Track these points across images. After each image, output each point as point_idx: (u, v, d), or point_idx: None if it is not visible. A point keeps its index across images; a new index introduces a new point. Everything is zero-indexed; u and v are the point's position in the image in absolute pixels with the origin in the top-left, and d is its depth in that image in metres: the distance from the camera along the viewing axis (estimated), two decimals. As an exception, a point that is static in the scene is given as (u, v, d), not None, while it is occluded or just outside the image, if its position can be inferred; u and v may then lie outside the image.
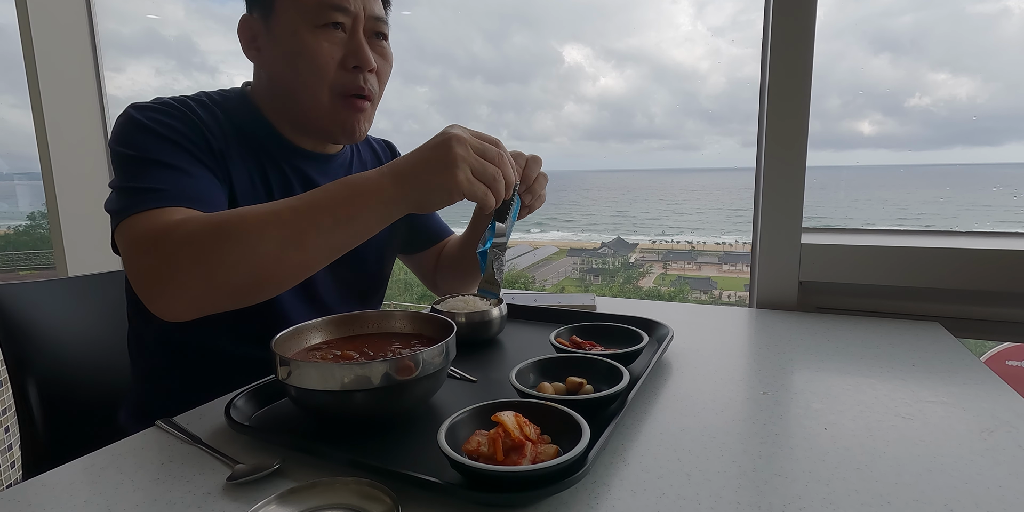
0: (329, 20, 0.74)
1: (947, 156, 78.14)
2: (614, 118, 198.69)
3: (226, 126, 0.77)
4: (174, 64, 23.09)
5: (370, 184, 0.59)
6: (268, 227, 0.58)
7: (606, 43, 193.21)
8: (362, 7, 0.76)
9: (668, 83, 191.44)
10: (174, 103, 0.74)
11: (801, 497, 0.46)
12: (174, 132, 0.71)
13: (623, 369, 0.63)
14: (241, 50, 0.80)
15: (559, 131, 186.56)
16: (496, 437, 0.47)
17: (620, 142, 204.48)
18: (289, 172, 0.81)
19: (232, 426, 0.56)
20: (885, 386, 0.69)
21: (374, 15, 0.78)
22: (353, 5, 0.75)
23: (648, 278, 8.14)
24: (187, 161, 0.69)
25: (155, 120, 0.71)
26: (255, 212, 0.60)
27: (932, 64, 79.50)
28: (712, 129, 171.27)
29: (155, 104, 0.73)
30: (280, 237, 0.58)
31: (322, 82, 0.76)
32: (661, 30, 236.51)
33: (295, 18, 0.74)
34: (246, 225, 0.58)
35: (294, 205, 0.60)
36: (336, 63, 0.76)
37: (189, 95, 0.80)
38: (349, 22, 0.76)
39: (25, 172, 5.00)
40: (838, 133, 51.43)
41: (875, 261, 1.06)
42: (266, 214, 0.59)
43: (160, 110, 0.72)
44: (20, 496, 0.48)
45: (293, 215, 0.59)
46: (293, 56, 0.75)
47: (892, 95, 66.57)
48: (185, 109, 0.73)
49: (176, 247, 0.59)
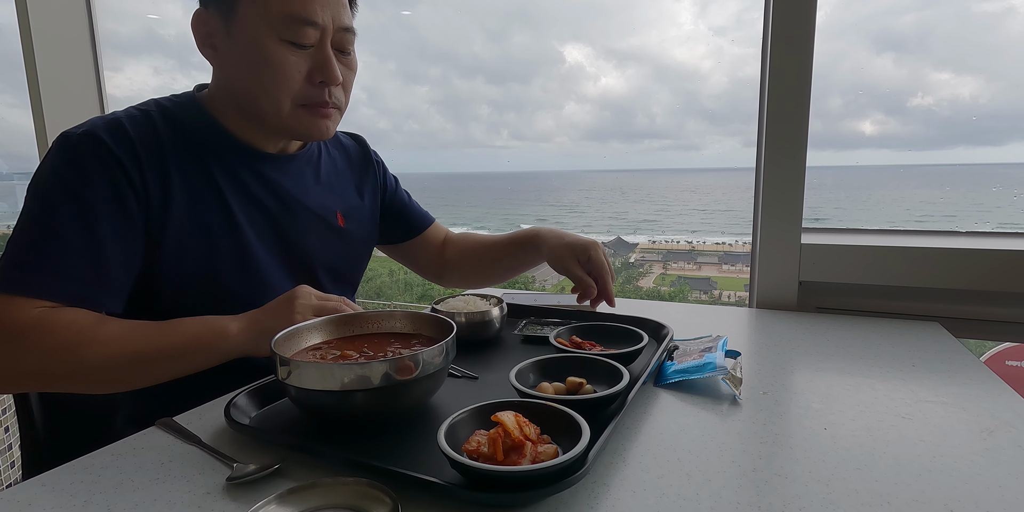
0: (296, 37, 0.72)
1: (949, 156, 77.75)
2: (615, 118, 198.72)
3: (167, 139, 0.74)
4: (173, 63, 22.66)
5: (223, 326, 0.69)
6: (113, 369, 0.66)
7: (607, 43, 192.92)
8: (331, 19, 0.73)
9: (670, 83, 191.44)
10: (97, 138, 0.69)
11: (801, 497, 0.46)
12: (89, 185, 0.68)
13: (623, 369, 0.63)
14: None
15: (560, 131, 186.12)
16: (496, 437, 0.47)
17: (621, 142, 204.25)
18: (246, 176, 0.79)
19: (232, 426, 0.56)
20: (885, 386, 0.69)
21: (342, 26, 0.75)
22: (322, 17, 0.72)
23: (648, 278, 8.14)
24: (92, 227, 0.67)
25: (76, 171, 0.68)
26: (108, 350, 0.65)
27: (935, 63, 78.89)
28: (714, 129, 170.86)
29: (78, 142, 0.69)
30: (123, 377, 0.67)
31: (286, 94, 0.74)
32: (663, 29, 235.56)
33: (259, 25, 0.71)
34: (96, 363, 0.64)
35: (146, 333, 0.67)
36: (302, 76, 0.74)
37: (136, 106, 0.77)
38: (317, 35, 0.73)
39: (26, 172, 5.00)
40: (840, 133, 51.20)
41: (875, 261, 1.06)
42: (116, 356, 0.65)
43: (81, 154, 0.69)
44: (20, 496, 0.48)
45: (140, 361, 0.66)
46: (256, 66, 0.72)
47: (895, 95, 66.32)
48: (112, 140, 0.70)
49: (25, 357, 0.63)
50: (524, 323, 0.93)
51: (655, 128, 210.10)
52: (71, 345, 0.63)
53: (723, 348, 0.76)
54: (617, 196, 21.03)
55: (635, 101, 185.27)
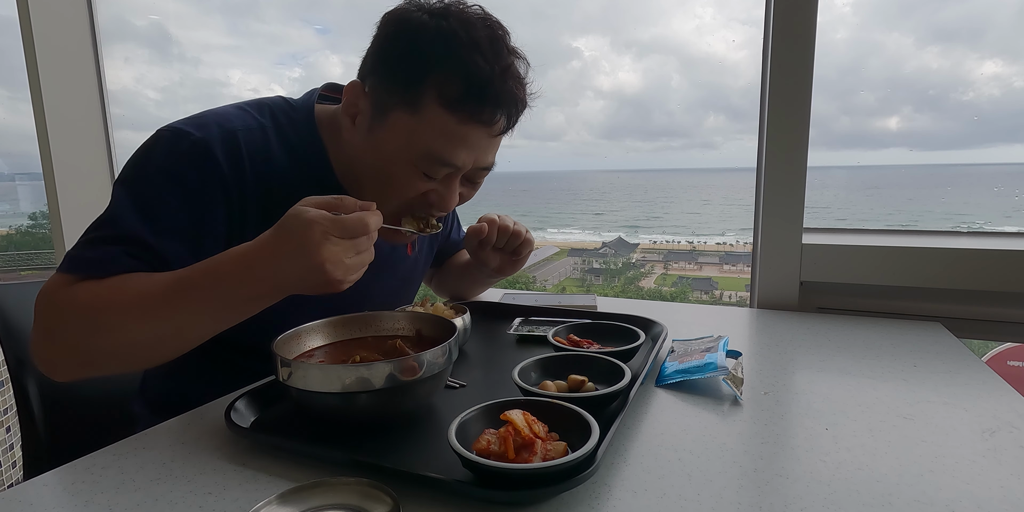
0: (431, 172, 0.69)
1: (987, 155, 75.24)
2: (629, 114, 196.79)
3: (278, 164, 0.71)
4: (145, 54, 21.61)
5: (246, 285, 0.58)
6: (138, 320, 0.58)
7: (620, 36, 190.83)
8: (472, 161, 0.71)
9: (688, 75, 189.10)
10: (209, 152, 0.66)
11: (803, 497, 0.46)
12: (185, 198, 0.65)
13: (624, 366, 0.63)
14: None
15: (571, 128, 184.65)
16: (507, 435, 0.47)
17: (637, 140, 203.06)
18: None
19: (231, 428, 0.56)
20: (886, 386, 0.69)
21: (482, 167, 0.73)
22: (463, 162, 0.69)
23: (649, 278, 8.14)
24: (168, 235, 0.64)
25: (176, 174, 0.65)
26: (128, 300, 0.58)
27: (979, 57, 75.58)
28: (732, 127, 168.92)
29: (188, 151, 0.66)
30: (151, 329, 0.59)
31: (396, 200, 0.73)
32: (682, 21, 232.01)
33: (402, 144, 0.68)
34: (118, 316, 0.58)
35: (168, 295, 0.58)
36: (418, 193, 0.72)
37: (252, 111, 0.74)
38: (451, 171, 0.71)
39: (27, 172, 5.01)
40: (869, 131, 49.76)
41: (876, 261, 1.06)
42: (137, 304, 0.58)
43: (191, 159, 0.66)
44: (21, 496, 0.48)
45: (166, 307, 0.58)
46: (381, 172, 0.71)
47: (932, 90, 64.19)
48: (224, 157, 0.67)
49: (61, 327, 0.60)
50: (519, 323, 0.93)
51: (672, 125, 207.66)
52: (96, 313, 0.59)
53: (724, 348, 0.76)
54: (622, 196, 20.98)
55: (650, 97, 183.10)
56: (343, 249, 0.56)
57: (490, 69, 0.65)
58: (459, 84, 0.65)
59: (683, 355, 0.76)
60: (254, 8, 53.13)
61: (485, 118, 0.67)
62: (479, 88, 0.65)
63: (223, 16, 30.10)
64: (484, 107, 0.66)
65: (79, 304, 0.59)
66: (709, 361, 0.70)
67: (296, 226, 0.55)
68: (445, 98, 0.65)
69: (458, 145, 0.68)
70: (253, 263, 0.57)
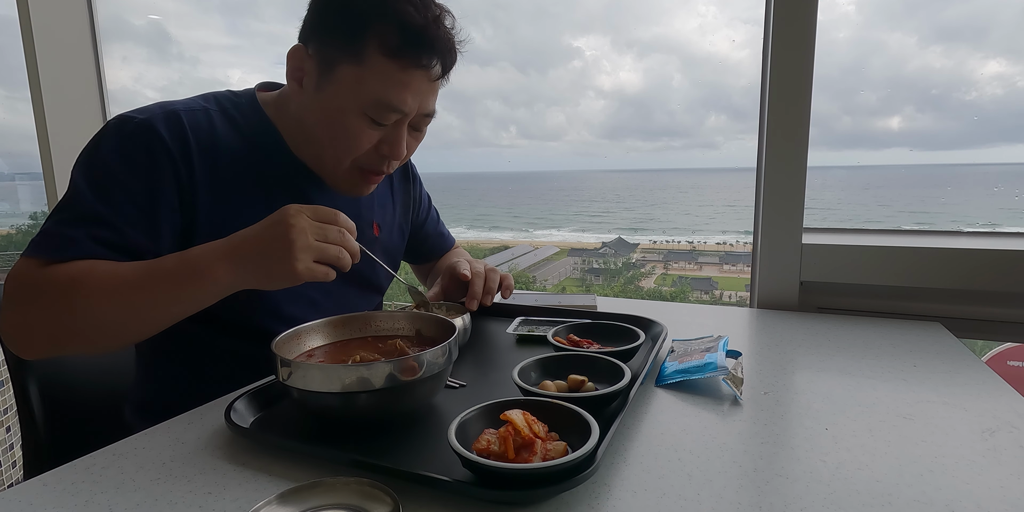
0: (380, 119, 0.73)
1: (988, 155, 74.88)
2: (630, 114, 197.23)
3: (223, 139, 0.75)
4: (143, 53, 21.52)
5: (207, 269, 0.62)
6: (105, 299, 0.62)
7: (621, 36, 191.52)
8: (418, 106, 0.75)
9: (690, 75, 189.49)
10: (153, 130, 0.70)
11: (802, 497, 0.46)
12: (136, 175, 0.69)
13: (624, 366, 0.63)
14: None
15: (572, 128, 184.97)
16: (507, 435, 0.47)
17: (638, 140, 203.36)
18: (293, 180, 0.81)
19: (231, 428, 0.56)
20: (886, 386, 0.69)
21: (425, 112, 0.77)
22: (410, 106, 0.74)
23: (649, 278, 8.14)
24: (124, 211, 0.68)
25: (125, 155, 0.69)
26: (97, 282, 0.62)
27: (983, 57, 75.66)
28: (734, 127, 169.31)
29: (133, 131, 0.70)
30: (117, 309, 0.63)
31: (349, 157, 0.76)
32: (684, 20, 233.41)
33: (349, 96, 0.72)
34: (88, 294, 0.62)
35: (131, 280, 0.63)
36: (371, 146, 0.76)
37: (196, 97, 0.78)
38: (399, 117, 0.75)
39: (27, 172, 5.00)
40: (870, 130, 49.73)
41: (876, 261, 1.06)
42: (107, 287, 0.63)
43: (136, 139, 0.70)
44: (21, 496, 0.48)
45: (129, 290, 0.63)
46: (332, 127, 0.74)
47: (935, 89, 63.60)
48: (169, 133, 0.71)
49: (32, 306, 0.63)
50: (519, 323, 0.93)
51: (673, 124, 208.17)
52: (68, 289, 0.62)
53: (724, 348, 0.76)
54: (622, 196, 20.95)
55: (650, 96, 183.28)
56: (311, 226, 0.62)
57: (423, 18, 0.70)
58: (397, 34, 0.70)
59: (683, 355, 0.76)
60: (253, 7, 53.25)
61: (424, 63, 0.72)
62: (415, 35, 0.70)
63: (222, 15, 30.13)
64: (422, 53, 0.71)
65: (51, 283, 0.63)
66: (709, 361, 0.70)
67: (276, 213, 0.62)
68: (386, 47, 0.70)
69: (403, 90, 0.72)
70: (226, 242, 0.63)
